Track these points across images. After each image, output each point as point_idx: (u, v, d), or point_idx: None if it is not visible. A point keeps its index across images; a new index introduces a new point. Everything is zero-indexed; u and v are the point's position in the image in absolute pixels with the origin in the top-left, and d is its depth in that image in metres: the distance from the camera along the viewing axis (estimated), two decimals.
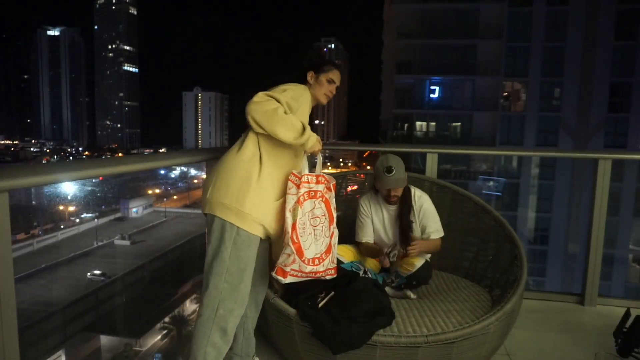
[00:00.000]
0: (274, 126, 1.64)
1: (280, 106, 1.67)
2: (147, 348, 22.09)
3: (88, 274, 24.54)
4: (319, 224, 1.79)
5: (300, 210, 1.72)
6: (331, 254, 1.84)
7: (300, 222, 1.72)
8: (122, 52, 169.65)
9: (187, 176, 57.75)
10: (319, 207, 1.79)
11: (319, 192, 1.80)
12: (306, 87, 1.90)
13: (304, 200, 1.74)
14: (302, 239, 1.72)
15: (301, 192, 1.74)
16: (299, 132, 1.68)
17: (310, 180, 1.77)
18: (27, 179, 1.23)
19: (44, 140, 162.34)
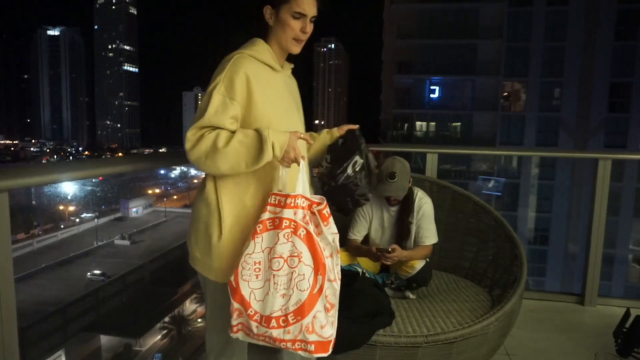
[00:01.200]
0: (219, 169, 1.23)
1: (216, 135, 1.21)
2: (147, 348, 22.10)
3: (88, 274, 24.55)
4: (282, 268, 1.22)
5: (252, 244, 1.23)
6: (309, 319, 1.21)
7: (248, 260, 1.23)
8: (122, 52, 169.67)
9: (187, 176, 57.71)
10: (286, 244, 1.23)
11: (289, 221, 1.24)
12: (241, 54, 1.32)
13: (261, 230, 1.24)
14: (243, 283, 1.23)
15: (264, 217, 1.25)
16: (251, 152, 1.22)
17: (277, 202, 1.26)
18: (27, 179, 1.23)
19: (44, 140, 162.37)
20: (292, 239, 1.23)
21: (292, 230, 1.23)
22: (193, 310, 24.79)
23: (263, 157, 1.21)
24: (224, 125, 1.23)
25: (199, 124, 1.22)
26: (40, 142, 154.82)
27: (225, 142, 1.20)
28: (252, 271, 1.23)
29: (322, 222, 1.27)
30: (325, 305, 1.23)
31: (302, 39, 1.36)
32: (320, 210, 1.27)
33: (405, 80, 24.47)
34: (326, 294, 1.23)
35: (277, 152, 1.22)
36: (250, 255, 1.23)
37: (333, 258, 1.27)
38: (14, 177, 1.17)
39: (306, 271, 1.22)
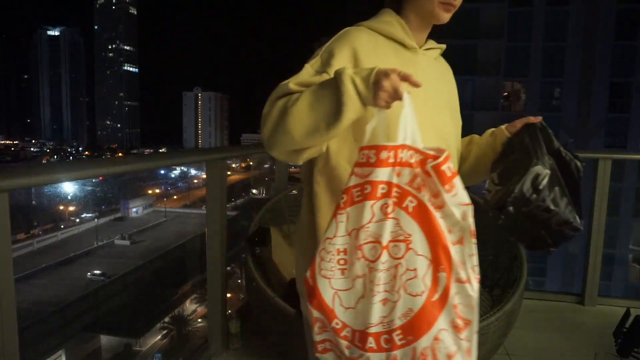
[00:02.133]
0: (293, 137, 0.86)
1: (288, 97, 0.88)
2: (147, 348, 22.10)
3: (88, 274, 24.56)
4: (380, 258, 0.80)
5: (332, 224, 0.83)
6: (428, 340, 0.79)
7: (329, 247, 0.82)
8: (122, 52, 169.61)
9: (187, 176, 57.71)
10: (384, 221, 0.80)
11: (387, 187, 0.81)
12: (356, 26, 1.04)
13: (344, 203, 0.82)
14: (322, 281, 0.82)
15: (349, 184, 0.83)
16: (326, 98, 0.83)
17: (366, 160, 0.82)
18: (27, 179, 1.23)
19: (44, 140, 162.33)
20: (394, 213, 0.79)
21: (394, 200, 0.79)
22: (193, 310, 24.78)
23: (344, 101, 0.79)
24: (297, 89, 0.89)
25: (272, 96, 0.91)
26: (40, 142, 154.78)
27: (295, 98, 0.86)
28: (335, 264, 0.82)
29: (442, 186, 0.79)
30: (455, 320, 0.78)
31: (454, 3, 0.99)
32: (438, 168, 0.79)
33: None
34: (454, 302, 0.78)
35: (361, 87, 0.80)
36: (331, 241, 0.82)
37: (464, 246, 0.79)
38: (14, 177, 1.17)
39: (420, 265, 0.77)
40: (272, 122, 0.88)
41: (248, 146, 3.17)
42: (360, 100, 0.81)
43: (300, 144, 0.88)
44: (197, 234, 27.30)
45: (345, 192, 0.83)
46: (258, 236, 2.26)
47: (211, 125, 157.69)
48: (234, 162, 48.99)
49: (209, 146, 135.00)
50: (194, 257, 24.71)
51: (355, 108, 0.81)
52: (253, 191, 51.57)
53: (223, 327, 2.21)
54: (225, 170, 2.20)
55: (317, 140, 0.87)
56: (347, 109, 0.80)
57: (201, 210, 35.81)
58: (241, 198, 47.53)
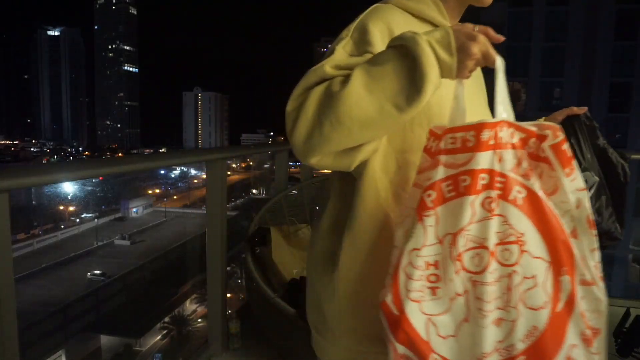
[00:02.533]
0: (351, 130, 0.65)
1: (326, 84, 0.68)
2: (147, 348, 22.10)
3: (88, 274, 24.56)
4: (488, 268, 0.63)
5: (419, 229, 0.65)
6: None
7: (416, 261, 0.65)
8: (122, 52, 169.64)
9: (187, 176, 57.73)
10: (489, 220, 0.64)
11: (488, 176, 0.64)
12: (384, 3, 0.84)
13: (433, 202, 0.66)
14: (411, 305, 0.65)
15: (437, 177, 0.66)
16: (396, 71, 0.64)
17: (459, 144, 0.66)
18: (27, 179, 1.23)
19: (44, 140, 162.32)
20: (500, 209, 0.63)
21: (498, 192, 0.63)
22: (193, 310, 24.78)
23: (426, 71, 0.61)
24: (334, 74, 0.69)
25: (300, 86, 0.70)
26: (40, 142, 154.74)
27: (342, 81, 0.65)
28: (424, 281, 0.64)
29: (563, 169, 0.65)
30: (584, 332, 0.64)
31: None
32: (559, 147, 0.65)
33: None
34: (581, 309, 0.64)
35: (442, 54, 0.63)
36: (419, 252, 0.64)
37: (581, 240, 0.65)
38: (14, 177, 1.17)
39: (538, 269, 0.63)
40: (309, 117, 0.66)
41: (248, 146, 3.17)
42: (441, 70, 0.64)
43: (357, 137, 0.66)
44: (197, 234, 27.30)
45: (432, 188, 0.65)
46: (258, 236, 2.26)
47: (211, 125, 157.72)
48: (234, 162, 49.02)
49: (209, 146, 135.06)
50: (194, 257, 24.70)
51: (437, 80, 0.63)
52: (253, 191, 51.60)
53: (223, 327, 2.21)
54: (225, 170, 2.20)
55: (379, 130, 0.67)
56: (429, 81, 0.62)
57: (201, 210, 35.83)
58: (241, 198, 47.56)
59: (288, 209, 2.70)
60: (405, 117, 0.64)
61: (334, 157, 0.70)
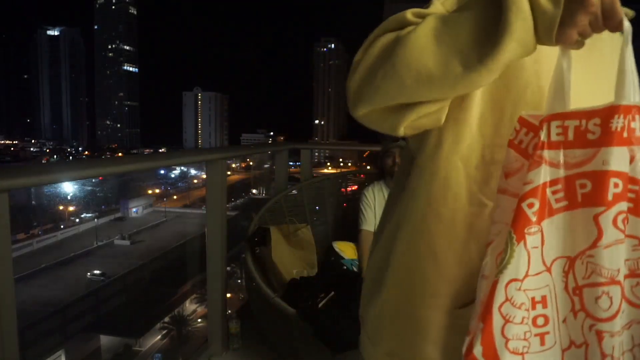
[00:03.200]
0: (402, 78, 0.52)
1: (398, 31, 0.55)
2: (147, 348, 22.11)
3: (88, 274, 24.57)
4: (617, 312, 0.45)
5: (521, 251, 0.46)
6: None
7: (515, 298, 0.46)
8: (122, 52, 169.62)
9: (187, 176, 57.73)
10: (619, 245, 0.45)
11: (621, 182, 0.46)
12: None
13: (536, 216, 0.47)
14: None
15: (540, 180, 0.48)
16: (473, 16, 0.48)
17: (576, 134, 0.48)
18: (27, 179, 1.23)
19: (44, 140, 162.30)
20: (631, 228, 0.47)
21: (630, 205, 0.47)
22: (193, 310, 24.78)
23: (510, 19, 0.45)
24: (416, 21, 0.56)
25: (374, 33, 0.58)
26: (40, 142, 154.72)
27: (412, 28, 0.53)
28: (529, 326, 0.48)
29: None
30: None
31: None
32: None
33: None
34: None
35: (545, 3, 0.45)
36: (521, 284, 0.47)
37: None
38: (14, 177, 1.17)
39: None
40: (368, 63, 0.56)
41: (248, 146, 3.17)
42: (536, 24, 0.46)
43: (409, 93, 0.53)
44: (197, 234, 27.30)
45: (534, 195, 0.47)
46: (258, 236, 2.27)
47: (211, 125, 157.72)
48: (234, 162, 49.00)
49: (209, 146, 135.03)
50: (194, 257, 24.69)
51: (525, 37, 0.46)
52: (253, 191, 51.62)
53: (223, 327, 2.21)
54: (225, 170, 2.20)
55: (436, 90, 0.52)
56: (510, 35, 0.45)
57: (201, 210, 35.83)
58: (241, 198, 47.57)
59: (288, 209, 2.71)
60: (473, 81, 0.49)
61: (381, 113, 0.57)
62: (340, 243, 2.46)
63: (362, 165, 69.23)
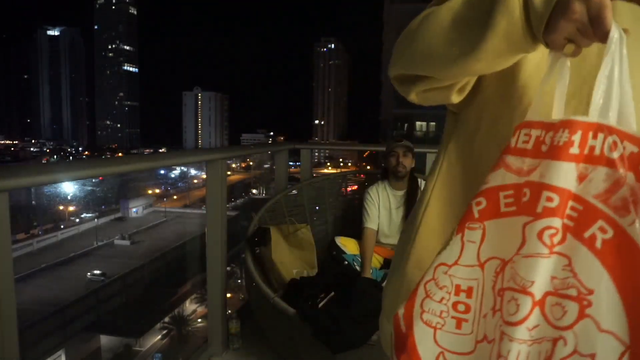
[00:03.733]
0: (413, 53, 0.58)
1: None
2: (147, 348, 22.11)
3: (88, 274, 24.56)
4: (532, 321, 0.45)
5: (456, 241, 0.52)
6: None
7: (442, 277, 0.52)
8: (122, 52, 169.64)
9: (187, 176, 57.73)
10: (551, 257, 0.45)
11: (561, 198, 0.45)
12: None
13: (481, 213, 0.51)
14: (422, 328, 0.52)
15: (494, 182, 0.50)
16: (471, 4, 0.51)
17: (534, 143, 0.49)
18: (27, 179, 1.23)
19: (44, 140, 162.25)
20: (564, 246, 0.45)
21: (568, 223, 0.45)
22: (193, 310, 24.79)
23: (494, 13, 0.47)
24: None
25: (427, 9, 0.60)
26: (40, 142, 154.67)
27: (433, 10, 0.57)
28: (449, 307, 0.52)
29: None
30: None
31: None
32: None
33: None
34: None
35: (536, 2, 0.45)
36: (449, 270, 0.52)
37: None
38: (14, 177, 1.17)
39: (603, 348, 0.42)
40: (407, 30, 0.60)
41: (248, 146, 3.17)
42: (525, 25, 0.46)
43: (419, 65, 0.57)
44: (197, 234, 27.31)
45: (485, 194, 0.50)
46: (258, 236, 2.27)
47: (211, 125, 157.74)
48: (234, 162, 49.00)
49: (209, 146, 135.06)
50: (194, 257, 24.71)
51: (511, 33, 0.46)
52: (253, 191, 51.65)
53: (223, 327, 2.21)
54: (225, 170, 2.20)
55: (439, 68, 0.54)
56: (494, 29, 0.46)
57: (201, 210, 35.83)
58: (241, 198, 47.59)
59: (288, 208, 2.71)
60: (466, 67, 0.51)
61: (402, 78, 0.62)
62: (343, 238, 2.49)
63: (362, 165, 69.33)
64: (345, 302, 1.88)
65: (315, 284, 1.93)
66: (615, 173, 0.44)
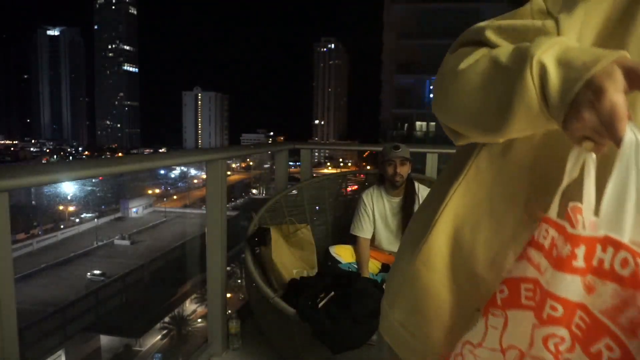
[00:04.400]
0: (448, 106, 0.58)
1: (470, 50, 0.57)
2: (147, 348, 22.11)
3: (88, 274, 24.55)
4: None
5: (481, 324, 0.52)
6: None
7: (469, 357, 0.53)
8: (122, 52, 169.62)
9: (187, 176, 57.72)
10: None
11: (566, 309, 0.43)
12: None
13: (504, 302, 0.50)
14: None
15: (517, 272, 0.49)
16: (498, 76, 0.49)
17: (549, 242, 0.46)
18: (27, 179, 1.23)
19: (43, 140, 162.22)
20: (571, 355, 0.44)
21: (577, 332, 0.44)
22: (193, 310, 24.79)
23: (513, 103, 0.46)
24: (495, 41, 0.56)
25: (458, 40, 0.61)
26: (40, 142, 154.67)
27: (475, 60, 0.53)
28: None
29: None
30: None
31: None
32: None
33: (405, 80, 24.48)
34: None
35: (553, 94, 0.43)
36: (473, 349, 0.52)
37: None
38: (14, 177, 1.17)
39: None
40: (440, 76, 0.59)
41: (248, 146, 3.17)
42: (544, 114, 0.44)
43: (455, 124, 0.58)
44: (197, 234, 27.30)
45: (508, 283, 0.49)
46: (258, 236, 2.27)
47: (211, 125, 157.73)
48: (234, 162, 49.00)
49: (209, 146, 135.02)
50: (194, 257, 24.71)
51: (529, 122, 0.46)
52: (253, 191, 51.65)
53: (223, 327, 2.21)
54: (225, 170, 2.20)
55: (473, 132, 0.56)
56: (512, 119, 0.46)
57: (201, 210, 35.83)
58: (241, 198, 47.59)
59: (288, 208, 2.71)
60: (491, 138, 0.54)
61: (446, 127, 0.64)
62: (338, 247, 2.45)
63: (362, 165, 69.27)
64: (345, 302, 1.88)
65: (315, 284, 1.92)
66: (625, 291, 0.40)
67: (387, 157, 2.37)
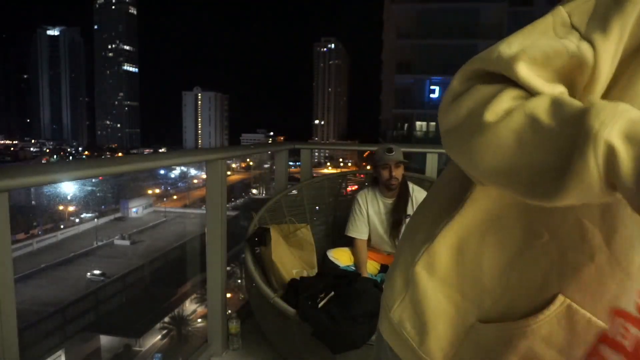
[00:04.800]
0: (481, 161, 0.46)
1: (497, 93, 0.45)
2: (147, 348, 22.10)
3: (88, 274, 24.55)
4: None
5: None
6: None
7: None
8: (122, 52, 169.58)
9: (187, 176, 57.69)
10: None
11: None
12: None
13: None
14: None
15: None
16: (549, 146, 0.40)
17: (614, 326, 0.42)
18: (27, 179, 1.23)
19: (43, 140, 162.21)
20: None
21: None
22: (193, 310, 24.78)
23: (568, 182, 0.38)
24: (528, 81, 0.45)
25: (470, 66, 0.50)
26: (40, 142, 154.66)
27: (504, 111, 0.44)
28: None
29: None
30: None
31: None
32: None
33: (405, 80, 24.48)
34: None
35: (624, 174, 0.36)
36: None
37: None
38: (14, 177, 1.17)
39: None
40: (457, 117, 0.49)
41: (248, 146, 3.17)
42: (604, 194, 0.39)
43: (476, 175, 0.51)
44: (197, 234, 27.30)
45: None
46: (258, 236, 2.27)
47: (211, 125, 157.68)
48: (234, 162, 49.00)
49: (209, 146, 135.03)
50: (194, 257, 24.70)
51: (581, 199, 0.40)
52: (253, 191, 51.64)
53: (223, 327, 2.21)
54: (225, 170, 2.20)
55: (509, 187, 0.47)
56: (561, 196, 0.40)
57: (201, 210, 35.83)
58: (241, 198, 47.58)
59: (288, 208, 2.71)
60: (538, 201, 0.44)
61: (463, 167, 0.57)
62: (335, 251, 2.45)
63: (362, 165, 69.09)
64: (345, 302, 1.88)
65: (315, 284, 1.93)
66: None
67: (381, 161, 2.35)
